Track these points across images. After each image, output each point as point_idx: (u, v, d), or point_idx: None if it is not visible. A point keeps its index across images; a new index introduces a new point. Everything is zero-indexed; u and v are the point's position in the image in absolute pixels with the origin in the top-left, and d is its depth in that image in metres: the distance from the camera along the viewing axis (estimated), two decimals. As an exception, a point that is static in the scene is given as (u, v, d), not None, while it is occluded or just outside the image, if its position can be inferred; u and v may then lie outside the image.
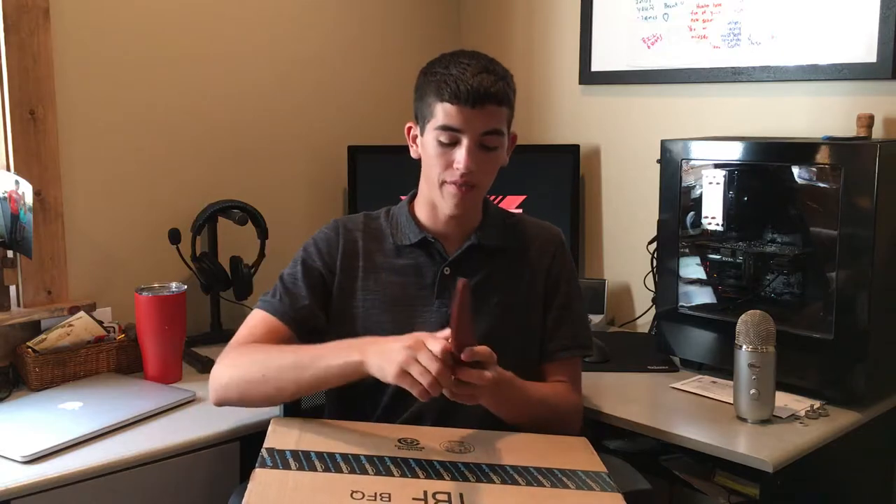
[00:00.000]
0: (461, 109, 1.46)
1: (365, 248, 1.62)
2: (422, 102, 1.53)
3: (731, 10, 2.19)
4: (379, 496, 1.16)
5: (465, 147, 1.48)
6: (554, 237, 1.69)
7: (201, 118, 2.32)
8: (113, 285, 2.16)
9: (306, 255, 1.63)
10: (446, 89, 1.45)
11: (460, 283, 1.27)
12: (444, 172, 1.51)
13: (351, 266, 1.61)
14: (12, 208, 1.96)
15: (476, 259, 1.60)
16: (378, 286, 1.59)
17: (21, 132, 1.99)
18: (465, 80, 1.44)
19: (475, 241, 1.60)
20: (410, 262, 1.60)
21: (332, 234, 1.63)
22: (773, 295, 1.98)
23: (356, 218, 1.68)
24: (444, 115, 1.47)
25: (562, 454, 1.39)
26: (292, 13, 2.49)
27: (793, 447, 1.60)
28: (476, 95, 1.44)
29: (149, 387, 1.95)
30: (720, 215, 2.02)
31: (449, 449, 1.36)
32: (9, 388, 1.90)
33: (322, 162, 2.58)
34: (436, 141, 1.49)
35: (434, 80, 1.48)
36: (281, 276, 1.63)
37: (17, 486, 1.48)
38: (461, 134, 1.48)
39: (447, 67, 1.48)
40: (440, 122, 1.48)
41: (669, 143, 2.06)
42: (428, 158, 1.53)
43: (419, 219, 1.62)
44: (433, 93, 1.48)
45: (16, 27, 1.96)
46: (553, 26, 2.60)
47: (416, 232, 1.60)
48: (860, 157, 1.74)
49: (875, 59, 1.95)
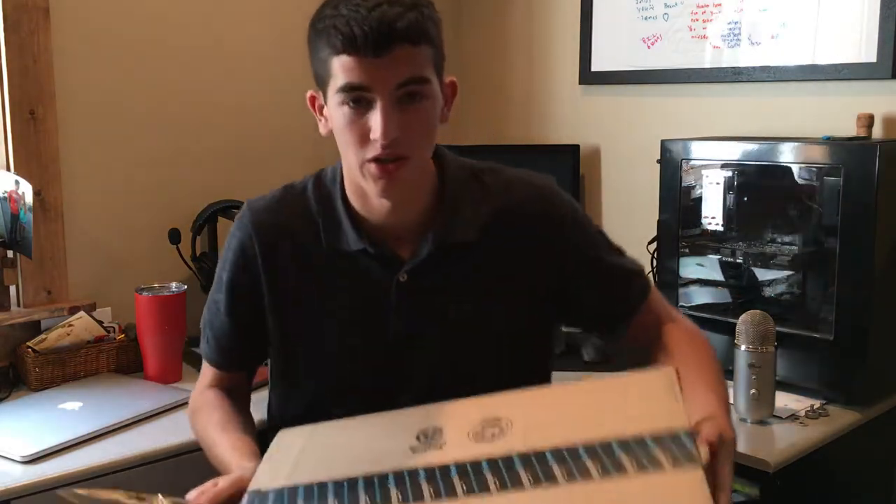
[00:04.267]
0: (362, 60, 1.09)
1: (293, 254, 1.26)
2: (316, 60, 1.17)
3: (731, 10, 2.19)
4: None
5: (379, 108, 1.10)
6: (552, 211, 1.28)
7: (202, 118, 2.32)
8: (113, 285, 2.16)
9: (224, 272, 1.31)
10: (338, 37, 1.09)
11: None
12: (361, 149, 1.14)
13: (279, 283, 1.26)
14: (12, 208, 1.96)
15: (442, 258, 1.23)
16: (318, 307, 1.25)
17: (21, 132, 1.99)
18: (360, 19, 1.07)
19: (434, 246, 1.22)
20: (354, 267, 1.23)
21: (247, 241, 1.28)
22: (773, 295, 1.98)
23: (275, 203, 1.30)
24: (342, 71, 1.10)
25: (629, 408, 1.01)
26: (293, 13, 2.48)
27: (793, 447, 1.61)
28: (379, 37, 1.07)
29: (149, 387, 1.95)
30: (720, 215, 2.02)
31: (478, 437, 1.03)
32: (9, 388, 1.90)
33: (322, 162, 2.55)
34: (340, 107, 1.13)
35: (323, 29, 1.12)
36: (207, 302, 1.35)
37: (17, 486, 1.49)
38: (370, 92, 1.10)
39: (336, 8, 1.11)
40: (340, 82, 1.11)
41: (669, 143, 2.06)
42: (338, 134, 1.18)
43: (355, 210, 1.25)
44: (325, 45, 1.12)
45: (16, 27, 1.96)
46: (553, 26, 2.60)
47: (353, 238, 1.23)
48: (860, 157, 1.74)
49: (875, 59, 1.95)
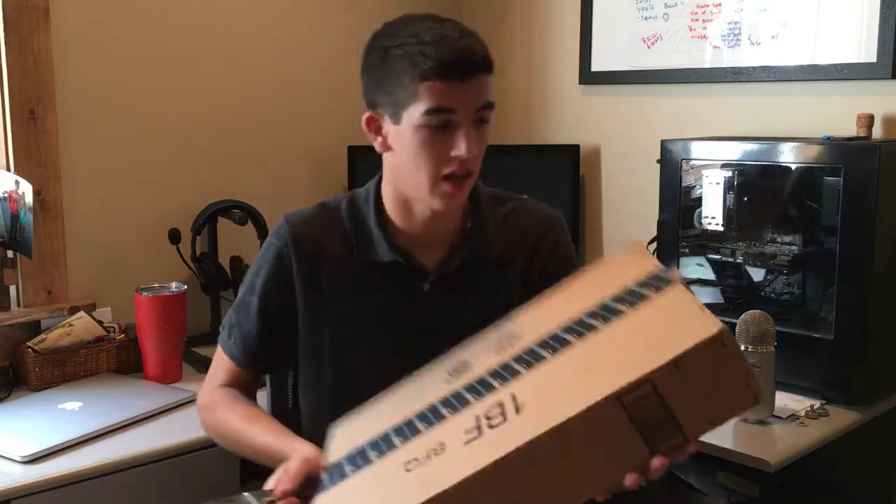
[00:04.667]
0: (451, 85, 1.19)
1: (327, 265, 1.35)
2: (389, 86, 1.25)
3: (731, 10, 2.19)
4: (433, 452, 1.05)
5: (463, 130, 1.22)
6: (552, 223, 1.44)
7: (201, 118, 2.32)
8: (113, 285, 2.16)
9: (257, 278, 1.38)
10: (426, 63, 1.18)
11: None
12: (437, 166, 1.23)
13: (312, 289, 1.35)
14: (12, 208, 1.96)
15: (464, 274, 1.34)
16: (348, 311, 1.34)
17: (21, 132, 1.99)
18: (448, 48, 1.18)
19: (463, 258, 1.34)
20: (383, 278, 1.34)
21: (284, 249, 1.36)
22: (773, 295, 1.98)
23: (312, 218, 1.40)
24: (431, 95, 1.19)
25: (612, 275, 1.19)
26: (292, 14, 2.49)
27: (793, 447, 1.60)
28: (466, 65, 1.19)
29: (149, 387, 1.95)
30: (720, 215, 2.02)
31: (498, 350, 1.17)
32: (9, 388, 1.90)
33: (322, 162, 2.58)
34: (423, 129, 1.22)
35: (404, 55, 1.20)
36: (236, 302, 1.42)
37: (17, 485, 1.49)
38: (454, 115, 1.21)
39: (417, 36, 1.20)
40: (428, 105, 1.20)
41: (669, 143, 2.06)
42: (411, 152, 1.25)
43: (390, 223, 1.35)
44: (408, 70, 1.20)
45: (16, 27, 1.96)
46: (553, 26, 2.60)
47: (385, 249, 1.33)
48: (860, 157, 1.74)
49: (875, 59, 1.95)
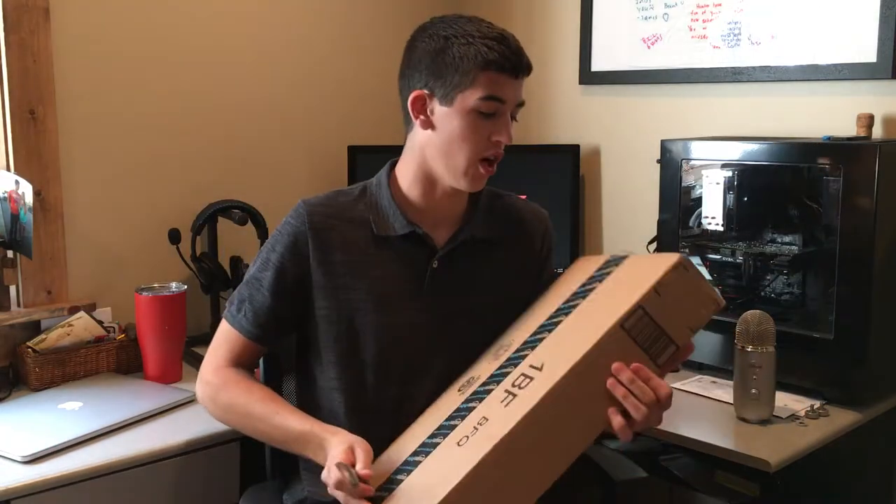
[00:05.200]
0: (507, 79, 1.36)
1: (341, 241, 1.45)
2: (450, 69, 1.36)
3: (731, 10, 2.19)
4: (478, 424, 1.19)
5: (505, 119, 1.38)
6: (543, 219, 1.61)
7: (201, 118, 2.32)
8: (113, 285, 2.16)
9: (272, 254, 1.46)
10: (491, 55, 1.34)
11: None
12: (478, 148, 1.38)
13: (326, 262, 1.44)
14: (12, 208, 1.96)
15: (467, 252, 1.47)
16: (360, 283, 1.43)
17: (21, 132, 1.99)
18: (509, 48, 1.36)
19: (468, 235, 1.47)
20: (394, 254, 1.45)
21: (300, 227, 1.44)
22: (773, 295, 1.98)
23: (327, 201, 1.48)
24: (489, 84, 1.35)
25: (576, 276, 1.44)
26: (293, 14, 2.49)
27: (793, 447, 1.60)
28: (520, 65, 1.37)
29: (149, 387, 1.95)
30: (720, 215, 2.02)
31: (497, 355, 1.36)
32: (9, 388, 1.91)
33: (322, 162, 2.58)
34: (475, 113, 1.36)
35: (472, 46, 1.35)
36: (246, 279, 1.48)
37: (17, 485, 1.48)
38: (504, 105, 1.37)
39: (480, 31, 1.37)
40: (485, 93, 1.35)
41: (669, 143, 2.06)
42: (458, 132, 1.38)
43: (406, 200, 1.47)
44: (472, 58, 1.35)
45: (16, 27, 1.96)
46: (553, 26, 2.60)
47: (402, 223, 1.44)
48: (860, 157, 1.74)
49: (875, 59, 1.95)
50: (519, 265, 1.53)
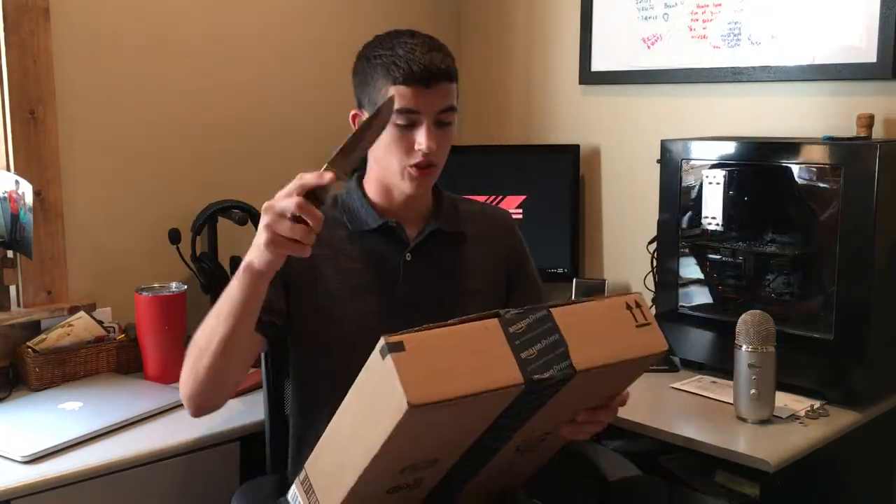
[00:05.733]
0: (416, 90, 1.42)
1: (319, 238, 1.41)
2: (369, 87, 1.48)
3: (731, 10, 2.19)
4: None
5: (424, 128, 1.44)
6: (507, 220, 1.69)
7: (202, 118, 2.32)
8: (113, 285, 2.16)
9: None
10: (397, 71, 1.42)
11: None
12: (405, 157, 1.46)
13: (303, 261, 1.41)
14: (12, 208, 1.96)
15: (437, 245, 1.56)
16: (338, 275, 1.52)
17: (21, 132, 1.99)
18: (415, 59, 1.41)
19: (436, 227, 1.56)
20: (369, 249, 1.54)
21: None
22: (773, 295, 1.98)
23: None
24: (400, 98, 1.41)
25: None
26: (294, 13, 2.49)
27: (793, 447, 1.61)
28: (429, 74, 1.42)
29: (149, 387, 1.95)
30: (720, 215, 2.02)
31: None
32: (9, 388, 1.91)
33: (322, 162, 2.55)
34: (393, 125, 1.43)
35: (381, 64, 1.44)
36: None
37: (17, 485, 1.49)
38: (419, 115, 1.44)
39: (392, 49, 1.44)
40: (398, 106, 1.41)
41: (669, 143, 2.06)
42: (383, 145, 1.47)
43: (374, 202, 1.56)
44: (382, 76, 1.44)
45: (16, 27, 1.96)
46: (553, 26, 2.60)
47: (374, 217, 1.54)
48: (860, 157, 1.74)
49: (875, 59, 1.95)
50: (489, 258, 1.61)
